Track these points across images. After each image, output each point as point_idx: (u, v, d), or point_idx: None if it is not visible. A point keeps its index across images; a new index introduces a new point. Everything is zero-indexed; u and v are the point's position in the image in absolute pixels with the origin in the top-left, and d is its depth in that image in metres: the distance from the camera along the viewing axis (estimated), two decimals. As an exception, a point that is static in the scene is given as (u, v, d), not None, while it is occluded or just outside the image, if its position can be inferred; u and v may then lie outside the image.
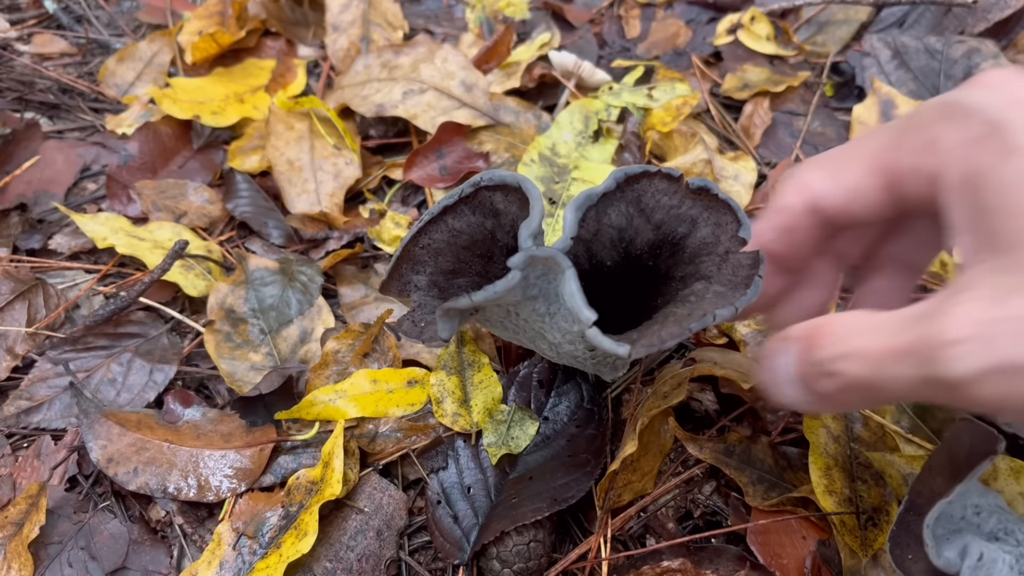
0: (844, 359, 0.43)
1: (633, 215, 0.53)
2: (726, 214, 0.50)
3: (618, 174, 0.53)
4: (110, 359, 0.84)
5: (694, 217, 0.51)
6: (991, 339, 0.36)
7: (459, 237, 0.57)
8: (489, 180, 0.54)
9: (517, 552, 0.64)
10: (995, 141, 0.40)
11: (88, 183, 1.07)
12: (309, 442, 0.75)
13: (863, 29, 1.21)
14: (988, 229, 0.40)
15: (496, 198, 0.54)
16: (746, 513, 0.66)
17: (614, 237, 0.54)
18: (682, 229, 0.52)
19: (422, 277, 0.57)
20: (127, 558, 0.71)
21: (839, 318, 0.45)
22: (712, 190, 0.51)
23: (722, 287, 0.46)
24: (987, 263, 0.40)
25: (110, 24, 1.32)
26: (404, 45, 1.11)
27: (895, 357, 0.40)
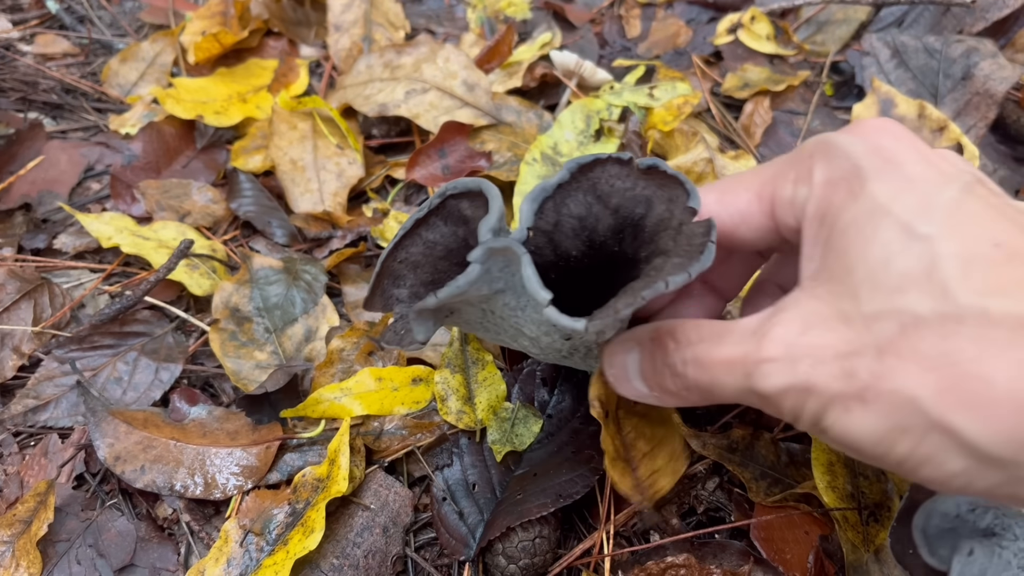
0: (687, 364, 0.48)
1: (591, 203, 0.54)
2: (676, 188, 0.52)
3: (571, 164, 0.54)
4: (116, 358, 0.84)
5: (649, 197, 0.53)
6: (793, 362, 0.42)
7: (435, 248, 0.57)
8: (454, 188, 0.55)
9: (522, 548, 0.65)
10: (850, 183, 0.44)
11: (92, 183, 1.07)
12: (315, 440, 0.76)
13: (862, 28, 1.21)
14: (822, 259, 0.45)
15: (463, 205, 0.55)
16: (749, 509, 0.67)
17: (575, 226, 0.54)
18: (639, 210, 0.53)
19: (403, 290, 0.57)
20: (135, 555, 0.72)
21: (684, 324, 0.50)
22: (661, 167, 0.53)
23: (679, 258, 0.47)
24: (810, 288, 0.45)
25: (112, 24, 1.32)
26: (406, 45, 1.12)
27: (726, 367, 0.46)
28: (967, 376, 0.36)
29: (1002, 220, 0.40)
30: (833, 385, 0.41)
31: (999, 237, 0.39)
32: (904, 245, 0.40)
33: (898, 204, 0.42)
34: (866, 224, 0.42)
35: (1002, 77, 1.00)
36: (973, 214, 0.40)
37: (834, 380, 0.41)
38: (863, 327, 0.41)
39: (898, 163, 0.44)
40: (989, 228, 0.39)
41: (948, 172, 0.44)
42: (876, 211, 0.42)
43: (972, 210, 0.41)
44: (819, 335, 0.42)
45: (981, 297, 0.37)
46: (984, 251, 0.38)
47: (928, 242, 0.39)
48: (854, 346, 0.41)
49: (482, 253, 0.43)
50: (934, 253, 0.39)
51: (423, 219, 0.57)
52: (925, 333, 0.38)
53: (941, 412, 0.37)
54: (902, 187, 0.43)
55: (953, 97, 1.04)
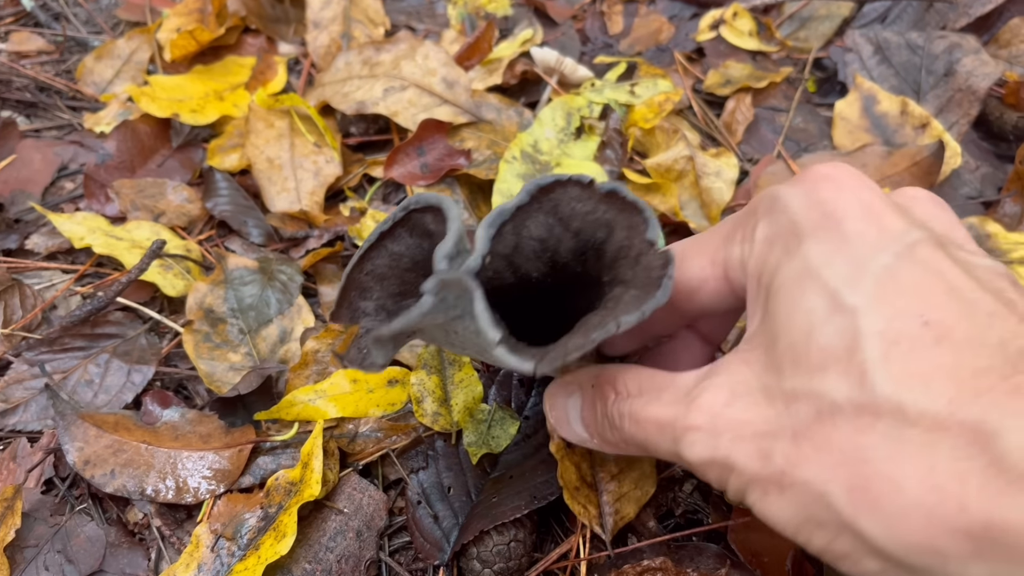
0: (623, 417, 0.47)
1: (552, 224, 0.53)
2: (636, 215, 0.50)
3: (530, 186, 0.53)
4: (87, 360, 0.83)
5: (609, 221, 0.51)
6: (716, 435, 0.41)
7: (400, 260, 0.56)
8: (416, 203, 0.54)
9: (498, 552, 0.64)
10: (786, 241, 0.41)
11: (66, 182, 1.06)
12: (288, 443, 0.74)
13: (845, 25, 1.21)
14: (760, 321, 0.43)
15: (427, 219, 0.54)
16: (727, 511, 0.66)
17: (536, 248, 0.53)
18: (600, 234, 0.52)
19: (369, 303, 0.56)
20: (104, 561, 0.70)
21: (627, 374, 0.49)
22: (620, 192, 0.51)
23: (637, 290, 0.46)
24: (743, 352, 0.43)
25: (88, 21, 1.31)
26: (385, 42, 1.10)
27: (658, 429, 0.45)
28: (877, 477, 0.34)
29: (939, 291, 0.36)
30: (751, 465, 0.39)
31: (931, 314, 0.35)
32: (828, 316, 0.38)
33: (828, 268, 0.39)
34: (795, 288, 0.40)
35: (984, 73, 1.00)
36: (907, 284, 0.37)
37: (752, 460, 0.39)
38: (783, 406, 0.39)
39: (836, 219, 0.40)
40: (922, 301, 0.36)
41: (891, 230, 0.39)
42: (806, 274, 0.39)
43: (907, 278, 0.37)
44: (742, 409, 0.40)
45: (899, 388, 0.34)
46: (910, 330, 0.35)
47: (852, 316, 0.37)
48: (772, 426, 0.39)
49: (434, 285, 0.42)
50: (856, 329, 0.36)
51: (388, 231, 0.56)
52: (839, 423, 0.36)
53: (851, 513, 0.35)
54: (836, 248, 0.39)
55: (936, 94, 1.03)
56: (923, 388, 0.34)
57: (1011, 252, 0.81)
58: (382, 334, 0.46)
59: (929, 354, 0.34)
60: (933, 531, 0.32)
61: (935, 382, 0.34)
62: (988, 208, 0.93)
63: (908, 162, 0.91)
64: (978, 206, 0.94)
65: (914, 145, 0.95)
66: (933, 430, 0.33)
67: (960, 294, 0.36)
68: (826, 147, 1.03)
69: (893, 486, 0.33)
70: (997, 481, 0.31)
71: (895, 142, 0.99)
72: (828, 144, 1.04)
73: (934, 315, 0.35)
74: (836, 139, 1.02)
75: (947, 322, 0.35)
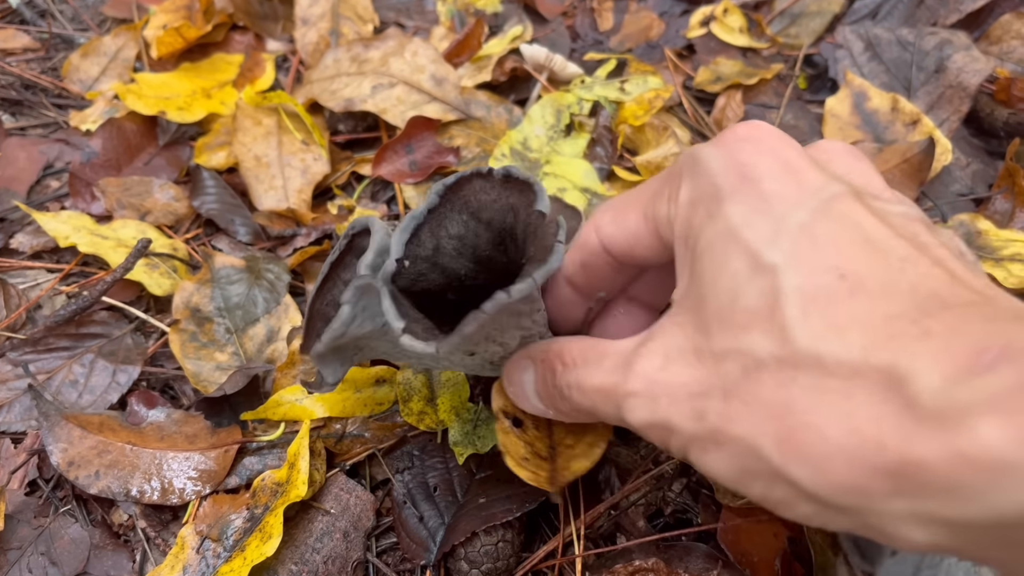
0: (571, 388, 0.49)
1: (466, 220, 0.54)
2: (529, 192, 0.51)
3: (438, 187, 0.54)
4: (72, 360, 0.82)
5: (513, 205, 0.52)
6: (653, 399, 0.42)
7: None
8: (354, 229, 0.56)
9: (485, 552, 0.63)
10: (707, 204, 0.42)
11: (51, 181, 1.05)
12: (275, 443, 0.74)
13: (836, 21, 1.20)
14: (688, 283, 0.44)
15: (366, 242, 0.55)
16: (716, 511, 0.66)
17: (456, 246, 0.54)
18: (508, 219, 0.53)
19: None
20: (88, 563, 0.70)
21: (572, 345, 0.50)
22: (514, 174, 0.52)
23: (532, 264, 0.47)
24: (675, 316, 0.44)
25: (74, 19, 1.30)
26: (374, 39, 1.10)
27: (602, 396, 0.46)
28: (802, 427, 0.35)
29: (855, 244, 0.38)
30: (688, 425, 0.41)
31: (846, 266, 0.37)
32: (750, 276, 0.39)
33: (748, 229, 0.40)
34: (719, 250, 0.41)
35: (975, 70, 0.99)
36: (823, 238, 0.38)
37: (688, 421, 0.41)
38: (712, 366, 0.40)
39: (755, 179, 0.41)
40: (838, 255, 0.37)
41: (809, 186, 0.40)
42: (728, 236, 0.40)
43: (823, 233, 0.38)
44: (676, 372, 0.42)
45: (817, 340, 0.36)
46: (827, 283, 0.37)
47: (772, 274, 0.38)
48: (704, 386, 0.40)
49: (351, 293, 0.43)
50: (776, 287, 0.37)
51: (336, 261, 0.57)
52: (765, 378, 0.37)
53: (781, 463, 0.36)
54: (755, 208, 0.40)
55: (926, 90, 1.03)
56: (839, 339, 0.35)
57: (1002, 249, 0.81)
58: (317, 350, 0.47)
59: (845, 306, 0.36)
60: (856, 472, 0.33)
61: (850, 332, 0.35)
62: (979, 205, 0.93)
63: (899, 159, 0.91)
64: (969, 203, 0.93)
65: (905, 142, 0.94)
66: (850, 378, 0.34)
67: (875, 244, 0.38)
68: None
69: (817, 434, 0.35)
70: (909, 421, 0.32)
71: (886, 139, 0.98)
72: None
73: (849, 267, 0.37)
74: (827, 136, 1.02)
75: (861, 273, 0.37)
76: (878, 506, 0.33)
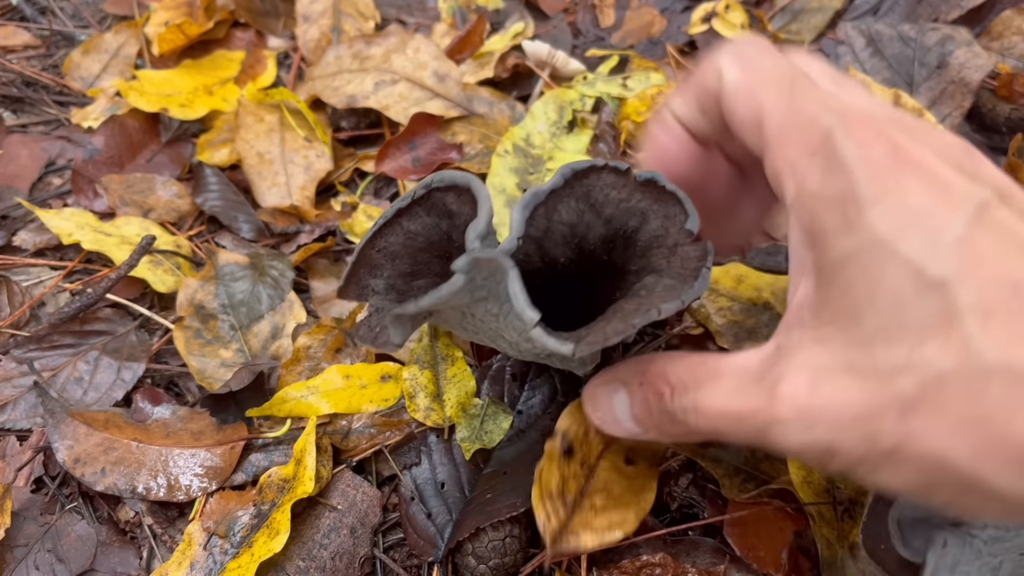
0: (687, 412, 0.46)
1: (583, 210, 0.52)
2: (674, 206, 0.49)
3: (565, 170, 0.51)
4: (77, 357, 0.82)
5: (644, 210, 0.50)
6: (810, 424, 0.40)
7: (415, 239, 0.55)
8: (440, 181, 0.52)
9: (493, 548, 0.64)
10: (844, 208, 0.41)
11: (53, 178, 1.05)
12: (281, 439, 0.74)
13: (837, 17, 1.20)
14: (821, 291, 0.42)
15: (449, 199, 0.52)
16: (723, 505, 0.66)
17: (565, 233, 0.52)
18: (633, 223, 0.51)
19: (379, 281, 0.55)
20: (95, 560, 0.70)
21: (675, 364, 0.48)
22: (659, 182, 0.50)
23: (672, 280, 0.45)
24: (814, 329, 0.42)
25: (75, 16, 1.29)
26: (376, 35, 1.10)
27: (734, 421, 0.44)
28: (1002, 437, 0.35)
29: (1020, 254, 0.37)
30: (857, 449, 0.39)
31: (1018, 277, 0.36)
32: (917, 292, 0.37)
33: (904, 243, 0.38)
34: (871, 264, 0.39)
35: (977, 65, 0.99)
36: (987, 251, 0.37)
37: (857, 444, 0.39)
38: (881, 384, 0.38)
39: (900, 190, 0.39)
40: (1006, 267, 0.36)
41: (957, 195, 0.39)
42: (879, 249, 0.39)
43: (986, 246, 0.37)
44: (833, 394, 0.40)
45: (1006, 350, 0.35)
46: (1003, 297, 0.36)
47: (943, 289, 0.37)
48: (874, 407, 0.38)
49: (467, 263, 0.41)
50: (950, 302, 0.36)
51: (406, 209, 0.55)
52: (951, 390, 0.36)
53: (978, 474, 0.35)
54: (905, 221, 0.39)
55: (928, 86, 1.03)
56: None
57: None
58: (405, 311, 0.45)
59: (1011, 304, 0.36)
60: None
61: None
62: (981, 200, 0.93)
63: (901, 154, 0.91)
64: (971, 198, 0.93)
65: (907, 137, 0.94)
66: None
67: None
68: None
69: (1019, 441, 0.34)
70: None
71: (888, 134, 0.98)
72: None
73: (1021, 278, 0.36)
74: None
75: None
76: None
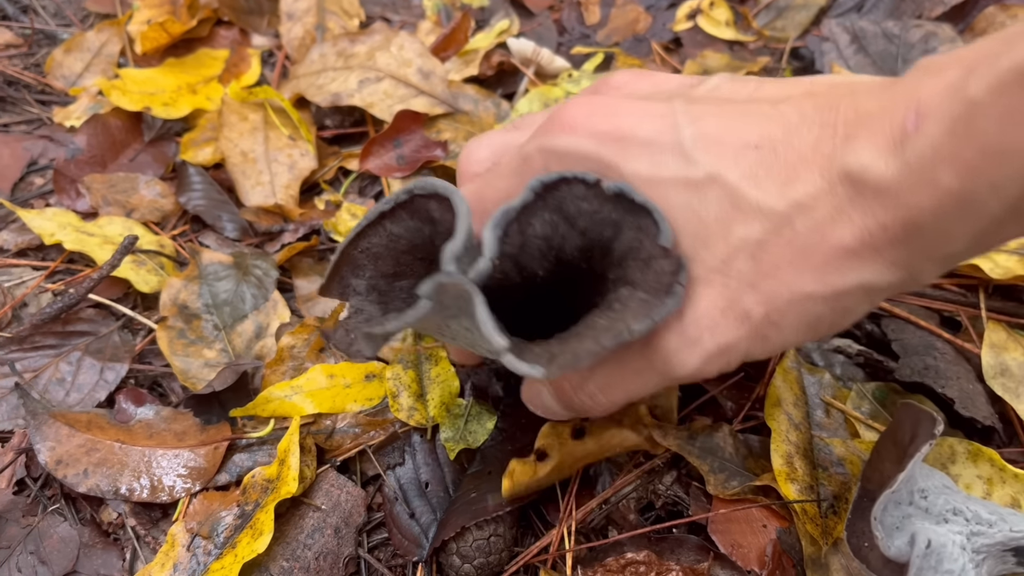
0: (594, 395, 0.53)
1: (558, 222, 0.51)
2: (646, 218, 0.49)
3: (534, 183, 0.50)
4: (59, 358, 0.81)
5: (616, 221, 0.50)
6: (695, 344, 0.46)
7: (398, 241, 0.55)
8: (422, 189, 0.52)
9: (477, 547, 0.63)
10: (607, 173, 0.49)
11: (35, 178, 1.04)
12: (264, 439, 0.74)
13: (822, 14, 1.21)
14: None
15: (431, 206, 0.52)
16: (707, 503, 0.66)
17: (542, 247, 0.52)
18: (607, 233, 0.50)
19: (361, 281, 0.54)
20: (78, 562, 0.69)
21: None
22: (628, 194, 0.49)
23: (645, 294, 0.46)
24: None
25: (57, 14, 1.29)
26: (360, 33, 1.09)
27: (635, 378, 0.50)
28: (823, 250, 0.42)
29: (737, 121, 0.45)
30: (739, 333, 0.45)
31: (750, 139, 0.44)
32: (700, 195, 0.45)
33: (659, 169, 0.46)
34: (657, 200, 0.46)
35: (960, 62, 1.00)
36: (717, 136, 0.45)
37: (736, 330, 0.45)
38: (722, 277, 0.45)
39: (626, 137, 0.48)
40: (738, 137, 0.44)
41: (664, 114, 0.47)
42: (644, 184, 0.47)
43: (713, 132, 0.45)
44: (695, 308, 0.46)
45: (784, 196, 0.42)
46: (753, 159, 0.43)
47: (714, 182, 0.44)
48: (728, 297, 0.45)
49: (432, 289, 0.41)
50: (726, 186, 0.44)
51: (388, 212, 0.54)
52: (771, 248, 0.43)
53: (829, 287, 0.42)
54: (643, 153, 0.47)
55: (912, 82, 1.03)
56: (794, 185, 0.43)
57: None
58: (374, 332, 0.45)
59: (777, 166, 0.43)
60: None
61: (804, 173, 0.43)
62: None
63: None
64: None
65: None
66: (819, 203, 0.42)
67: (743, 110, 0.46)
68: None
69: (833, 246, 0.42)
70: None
71: (872, 131, 0.98)
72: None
73: (752, 138, 0.44)
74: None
75: (766, 137, 0.44)
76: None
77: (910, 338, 0.74)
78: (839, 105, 0.42)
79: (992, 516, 0.52)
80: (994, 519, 0.52)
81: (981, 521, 0.52)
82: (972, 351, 0.73)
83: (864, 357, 0.74)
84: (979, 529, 0.52)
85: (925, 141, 0.37)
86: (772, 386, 0.69)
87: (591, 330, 0.45)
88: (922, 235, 0.39)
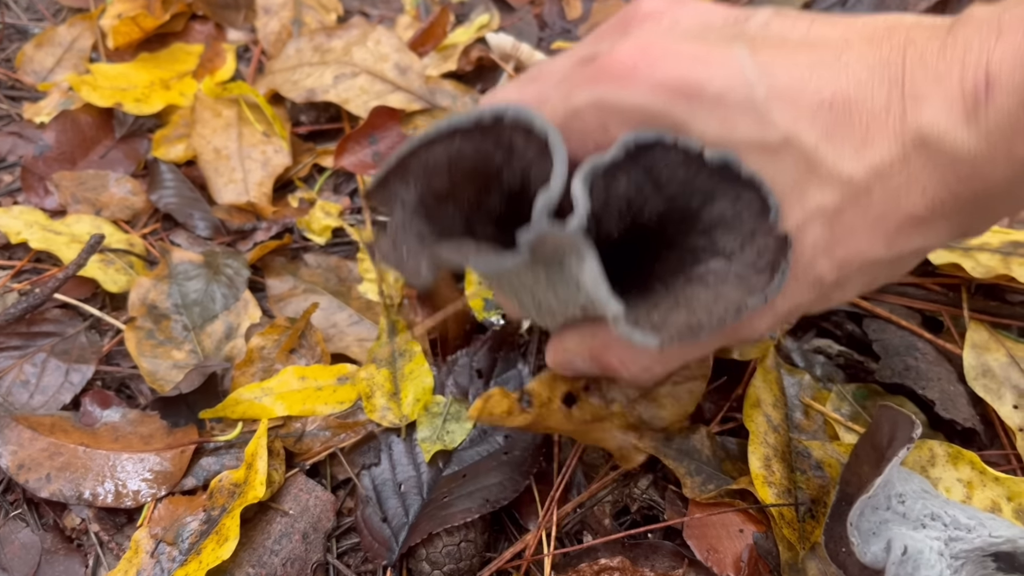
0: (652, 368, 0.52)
1: (643, 184, 0.47)
2: (750, 192, 0.45)
3: (627, 140, 0.46)
4: (23, 359, 0.79)
5: (709, 191, 0.47)
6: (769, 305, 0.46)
7: (462, 161, 0.49)
8: (514, 118, 0.46)
9: (447, 553, 0.62)
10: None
11: (3, 175, 1.02)
12: (232, 443, 0.72)
13: (806, 9, 1.19)
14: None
15: (517, 138, 0.48)
16: (683, 506, 0.64)
17: (622, 208, 0.48)
18: (695, 201, 0.47)
19: (410, 195, 0.50)
20: (39, 568, 0.68)
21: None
22: (734, 168, 0.46)
23: (743, 269, 0.44)
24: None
25: (29, 8, 1.26)
26: (337, 28, 1.08)
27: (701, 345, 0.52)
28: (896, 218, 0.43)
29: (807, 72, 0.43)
30: (810, 297, 0.47)
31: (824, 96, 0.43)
32: (775, 160, 0.44)
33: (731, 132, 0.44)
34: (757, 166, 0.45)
35: (943, 57, 0.99)
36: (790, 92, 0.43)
37: (807, 294, 0.47)
38: (798, 244, 0.45)
39: (694, 92, 0.44)
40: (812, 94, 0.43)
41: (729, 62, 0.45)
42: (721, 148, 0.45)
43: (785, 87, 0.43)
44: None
45: (861, 162, 0.42)
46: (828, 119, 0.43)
47: (790, 145, 0.43)
48: (803, 264, 0.46)
49: (535, 238, 0.39)
50: (804, 150, 0.43)
51: (466, 130, 0.49)
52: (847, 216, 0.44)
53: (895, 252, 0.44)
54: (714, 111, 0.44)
55: (895, 78, 1.02)
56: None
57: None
58: (450, 259, 0.42)
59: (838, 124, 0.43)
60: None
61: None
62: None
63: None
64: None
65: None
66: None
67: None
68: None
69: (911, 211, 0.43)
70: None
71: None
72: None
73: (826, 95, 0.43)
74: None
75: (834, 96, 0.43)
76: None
77: (891, 338, 0.72)
78: (903, 59, 0.42)
79: (971, 521, 0.51)
80: (973, 524, 0.51)
81: (960, 526, 0.51)
82: (954, 352, 0.72)
83: (845, 358, 0.73)
84: (958, 534, 0.51)
85: (1000, 112, 0.38)
86: (751, 387, 0.67)
87: (695, 303, 0.43)
88: (990, 201, 0.41)
